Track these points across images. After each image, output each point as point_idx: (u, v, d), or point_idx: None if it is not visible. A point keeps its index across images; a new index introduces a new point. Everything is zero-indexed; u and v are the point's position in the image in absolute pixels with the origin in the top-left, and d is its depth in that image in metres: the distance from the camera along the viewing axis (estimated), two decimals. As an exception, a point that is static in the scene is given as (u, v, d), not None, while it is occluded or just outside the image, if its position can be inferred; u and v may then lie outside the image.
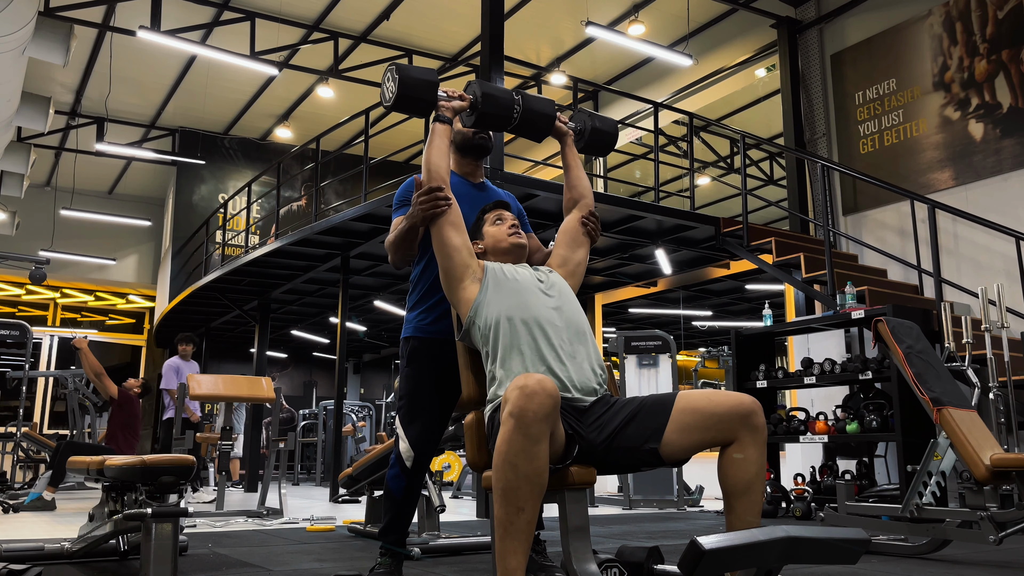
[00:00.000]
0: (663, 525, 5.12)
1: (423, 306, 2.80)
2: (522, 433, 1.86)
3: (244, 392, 5.83)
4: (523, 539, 1.89)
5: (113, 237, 14.57)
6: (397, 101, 2.40)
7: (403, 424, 2.74)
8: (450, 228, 2.34)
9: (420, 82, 2.41)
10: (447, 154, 2.46)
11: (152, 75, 11.01)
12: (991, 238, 6.40)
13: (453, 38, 10.21)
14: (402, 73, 2.39)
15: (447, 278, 2.33)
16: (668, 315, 11.58)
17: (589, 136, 2.79)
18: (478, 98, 2.52)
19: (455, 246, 2.32)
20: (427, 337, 2.76)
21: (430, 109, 2.48)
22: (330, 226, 7.45)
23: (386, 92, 2.45)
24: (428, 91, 2.43)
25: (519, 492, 1.87)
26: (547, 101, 2.69)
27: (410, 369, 2.77)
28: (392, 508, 2.75)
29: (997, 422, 4.32)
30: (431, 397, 2.73)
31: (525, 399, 1.86)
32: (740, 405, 2.01)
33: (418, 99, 2.43)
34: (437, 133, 2.46)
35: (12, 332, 8.32)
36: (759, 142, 8.86)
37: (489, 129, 2.71)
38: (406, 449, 2.70)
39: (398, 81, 2.38)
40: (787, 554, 1.43)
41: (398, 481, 2.73)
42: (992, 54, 6.74)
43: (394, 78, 2.39)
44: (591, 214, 2.63)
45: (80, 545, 3.29)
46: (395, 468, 2.74)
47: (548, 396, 1.88)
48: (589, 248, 2.62)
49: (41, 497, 6.12)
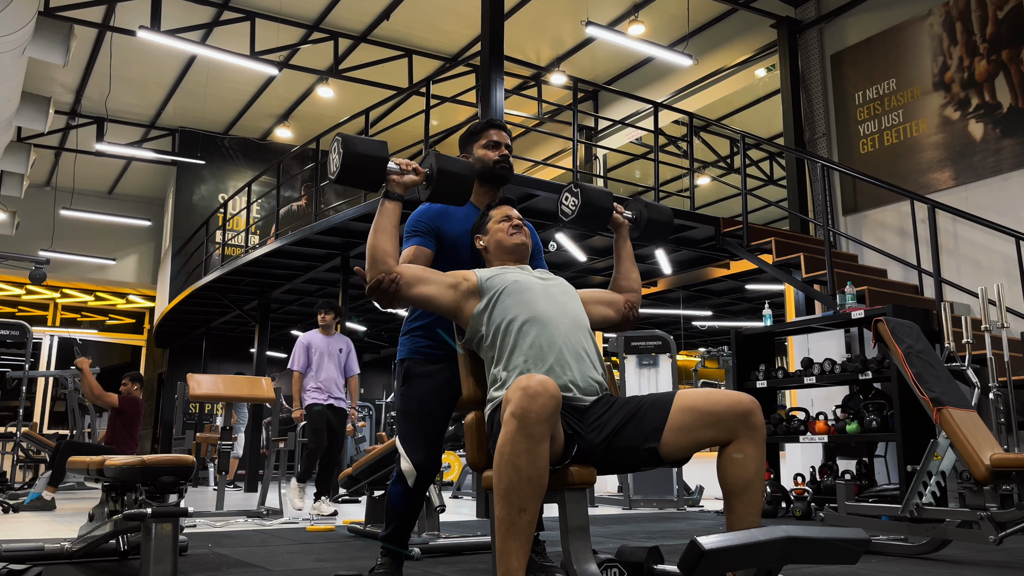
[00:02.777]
0: (663, 525, 5.12)
1: (419, 330, 2.78)
2: (525, 434, 1.86)
3: (244, 392, 5.83)
4: (524, 539, 1.89)
5: (113, 237, 14.57)
6: (341, 175, 2.24)
7: (403, 445, 2.72)
8: (419, 288, 2.27)
9: (366, 157, 2.24)
10: (394, 236, 2.30)
11: (152, 75, 11.01)
12: (991, 238, 6.40)
13: (453, 38, 10.21)
14: (347, 147, 2.22)
15: (445, 315, 2.35)
16: (668, 315, 11.58)
17: (645, 227, 2.69)
18: (433, 172, 2.35)
19: (433, 295, 2.28)
20: (423, 359, 2.75)
21: (377, 185, 2.31)
22: (330, 226, 7.45)
23: (331, 164, 2.29)
24: (376, 166, 2.26)
25: (521, 493, 1.87)
26: (605, 194, 2.60)
27: (407, 388, 2.76)
28: (394, 519, 2.76)
29: (997, 422, 4.32)
30: (429, 414, 2.72)
31: (528, 400, 1.86)
32: (739, 404, 2.01)
33: (363, 175, 2.27)
34: (384, 213, 2.29)
35: (12, 332, 8.33)
36: (759, 142, 8.86)
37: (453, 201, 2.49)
38: (408, 469, 2.69)
39: (342, 155, 2.22)
40: (787, 554, 1.43)
41: (401, 500, 2.72)
42: (992, 54, 6.74)
43: (339, 151, 2.24)
44: (633, 306, 2.58)
45: (80, 545, 3.29)
46: (397, 485, 2.73)
47: (551, 397, 1.88)
48: (613, 322, 2.55)
49: (41, 497, 6.12)
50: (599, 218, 2.58)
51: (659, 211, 2.73)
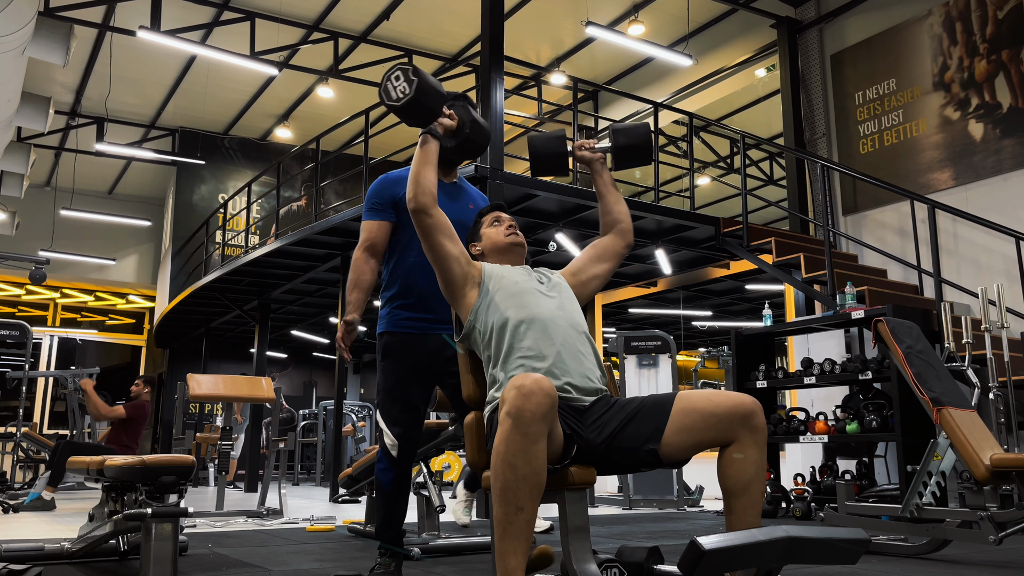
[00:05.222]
0: (663, 525, 5.12)
1: (397, 301, 2.85)
2: (520, 433, 1.85)
3: (244, 392, 5.83)
4: (522, 539, 1.88)
5: (113, 237, 14.57)
6: (409, 104, 2.28)
7: (384, 418, 2.80)
8: (444, 239, 2.30)
9: (436, 92, 2.32)
10: (435, 172, 2.38)
11: (152, 75, 11.01)
12: (991, 238, 6.40)
13: (453, 38, 10.21)
14: (421, 77, 2.27)
15: (448, 287, 2.32)
16: (668, 315, 11.58)
17: (618, 155, 2.55)
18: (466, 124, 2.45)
19: (452, 256, 2.29)
20: (402, 332, 2.81)
21: (432, 120, 2.39)
22: (330, 226, 7.45)
23: (393, 91, 2.30)
24: (439, 102, 2.35)
25: (518, 492, 1.87)
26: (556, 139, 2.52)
27: (386, 363, 2.82)
28: (384, 503, 2.80)
29: (997, 422, 4.32)
30: (409, 388, 2.79)
31: (522, 399, 1.86)
32: (740, 406, 2.00)
33: (429, 108, 2.34)
34: (431, 149, 2.38)
35: (12, 332, 8.33)
36: (759, 142, 8.86)
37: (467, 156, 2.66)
38: (391, 442, 2.77)
39: (415, 85, 2.26)
40: (787, 554, 1.43)
41: (386, 473, 2.79)
42: (992, 54, 6.74)
43: (410, 80, 2.27)
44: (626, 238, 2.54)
45: (80, 545, 3.29)
46: (383, 462, 2.80)
47: (545, 395, 1.88)
48: (612, 268, 2.53)
49: (41, 497, 6.12)
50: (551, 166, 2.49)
51: (629, 133, 2.52)
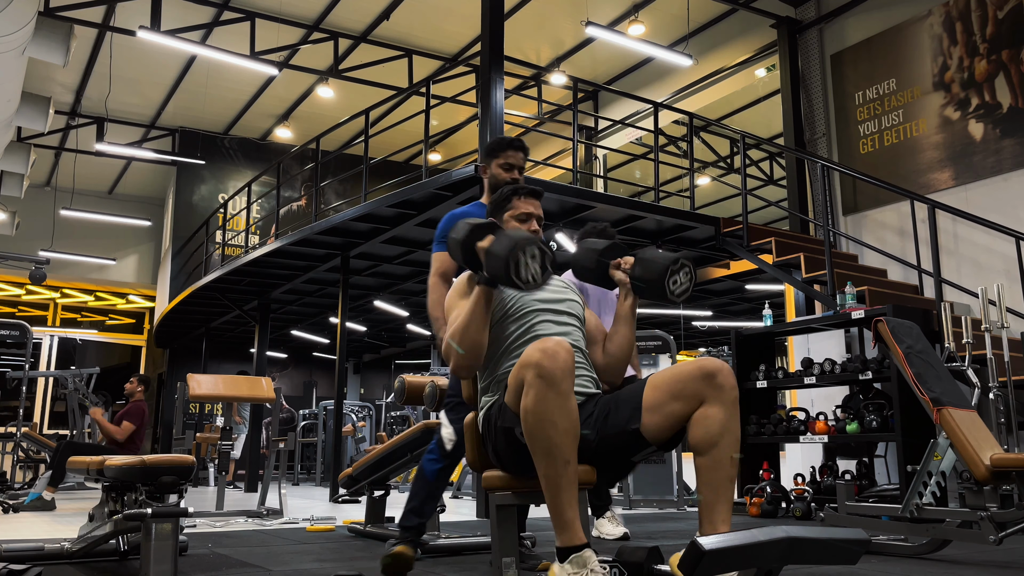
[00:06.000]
0: (663, 525, 5.12)
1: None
2: (555, 391, 1.92)
3: (244, 392, 5.82)
4: (575, 490, 1.96)
5: (113, 237, 14.57)
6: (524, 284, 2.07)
7: (449, 414, 3.01)
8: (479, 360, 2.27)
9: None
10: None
11: (152, 75, 11.01)
12: (991, 238, 6.40)
13: (453, 38, 10.21)
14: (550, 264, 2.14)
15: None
16: (668, 315, 11.58)
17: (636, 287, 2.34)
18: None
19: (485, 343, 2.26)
20: None
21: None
22: (330, 226, 7.45)
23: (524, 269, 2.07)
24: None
25: (562, 446, 1.94)
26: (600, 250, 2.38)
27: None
28: (423, 489, 3.00)
29: (997, 422, 4.32)
30: None
31: (550, 359, 1.93)
32: (702, 368, 2.03)
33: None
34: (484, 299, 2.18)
35: (12, 332, 8.33)
36: (759, 142, 8.86)
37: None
38: (449, 434, 2.96)
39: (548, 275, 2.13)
40: (787, 554, 1.43)
41: (434, 463, 2.99)
42: (992, 54, 6.74)
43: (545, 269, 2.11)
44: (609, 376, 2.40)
45: (80, 545, 3.29)
46: (434, 453, 3.00)
47: (568, 352, 1.96)
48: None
49: (41, 497, 6.12)
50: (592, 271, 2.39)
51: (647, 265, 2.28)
